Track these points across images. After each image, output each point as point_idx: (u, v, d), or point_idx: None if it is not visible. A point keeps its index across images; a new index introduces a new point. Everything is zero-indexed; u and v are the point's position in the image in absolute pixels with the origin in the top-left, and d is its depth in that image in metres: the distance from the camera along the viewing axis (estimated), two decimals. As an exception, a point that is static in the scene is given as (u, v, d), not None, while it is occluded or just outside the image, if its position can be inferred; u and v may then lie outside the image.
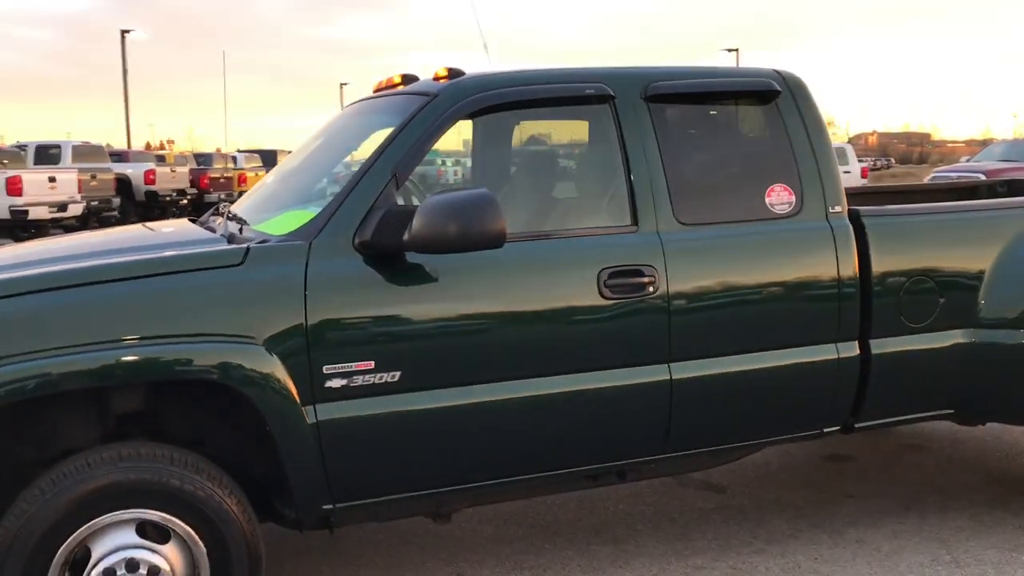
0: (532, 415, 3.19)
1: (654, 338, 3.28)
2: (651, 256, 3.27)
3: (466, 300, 3.09)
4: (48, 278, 2.84)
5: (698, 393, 3.36)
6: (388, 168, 3.07)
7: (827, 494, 4.53)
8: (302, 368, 2.88)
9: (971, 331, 3.71)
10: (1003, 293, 3.70)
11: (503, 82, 3.34)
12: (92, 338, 2.73)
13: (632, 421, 3.32)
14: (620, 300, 3.22)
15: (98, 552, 2.75)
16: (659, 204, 3.33)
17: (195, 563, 2.86)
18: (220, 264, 2.91)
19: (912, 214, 3.78)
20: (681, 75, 3.53)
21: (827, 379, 3.55)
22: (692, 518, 4.25)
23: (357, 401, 2.96)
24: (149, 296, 2.82)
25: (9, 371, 2.65)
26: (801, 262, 3.50)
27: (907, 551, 3.85)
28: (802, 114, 3.60)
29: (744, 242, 3.44)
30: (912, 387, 3.72)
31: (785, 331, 3.48)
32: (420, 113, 3.19)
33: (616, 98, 3.38)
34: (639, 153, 3.34)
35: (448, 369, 3.07)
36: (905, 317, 3.63)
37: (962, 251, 3.71)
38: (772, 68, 3.69)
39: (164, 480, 2.79)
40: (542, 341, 3.18)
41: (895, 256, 3.62)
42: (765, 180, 3.51)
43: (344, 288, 2.96)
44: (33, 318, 2.75)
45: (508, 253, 3.14)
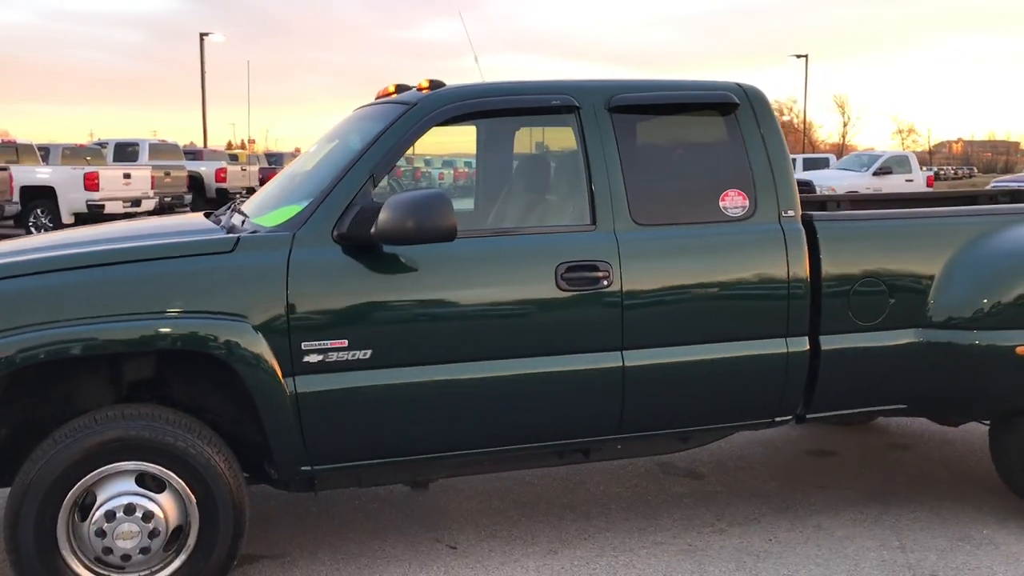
0: (493, 394, 3.53)
1: (608, 327, 3.60)
2: (606, 253, 3.59)
3: (433, 288, 3.46)
4: (64, 260, 3.29)
5: (650, 379, 3.67)
6: (367, 169, 3.46)
7: (800, 485, 4.77)
8: (283, 344, 3.28)
9: (922, 331, 3.94)
10: (953, 296, 3.92)
11: (476, 93, 3.70)
12: (101, 312, 3.16)
13: (587, 403, 3.64)
14: (575, 292, 3.55)
15: (102, 497, 3.19)
16: (616, 206, 3.65)
17: (187, 512, 3.28)
18: (213, 251, 3.33)
19: (864, 219, 4.02)
20: (643, 88, 3.85)
21: (776, 371, 3.81)
22: (664, 500, 4.55)
23: (332, 375, 3.34)
24: (152, 277, 3.25)
25: (33, 337, 3.10)
26: (753, 261, 3.78)
27: (860, 537, 4.09)
28: (760, 125, 3.88)
29: (697, 241, 3.74)
30: (863, 381, 3.96)
31: (735, 325, 3.76)
32: (399, 120, 3.57)
33: (581, 109, 3.71)
34: (600, 159, 3.66)
35: (415, 349, 3.43)
36: (855, 315, 3.88)
37: (913, 255, 3.93)
38: (735, 82, 3.98)
39: (160, 437, 3.21)
40: (502, 327, 3.52)
41: (846, 258, 3.87)
42: (720, 185, 3.80)
43: (322, 274, 3.35)
44: (55, 293, 3.20)
45: (474, 247, 3.52)
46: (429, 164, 9.81)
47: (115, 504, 3.18)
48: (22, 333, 3.09)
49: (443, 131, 3.73)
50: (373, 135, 3.58)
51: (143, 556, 3.21)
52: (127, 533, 3.17)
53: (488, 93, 3.72)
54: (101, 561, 3.20)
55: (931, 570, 3.75)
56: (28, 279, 3.23)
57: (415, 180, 7.28)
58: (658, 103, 3.84)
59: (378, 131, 3.58)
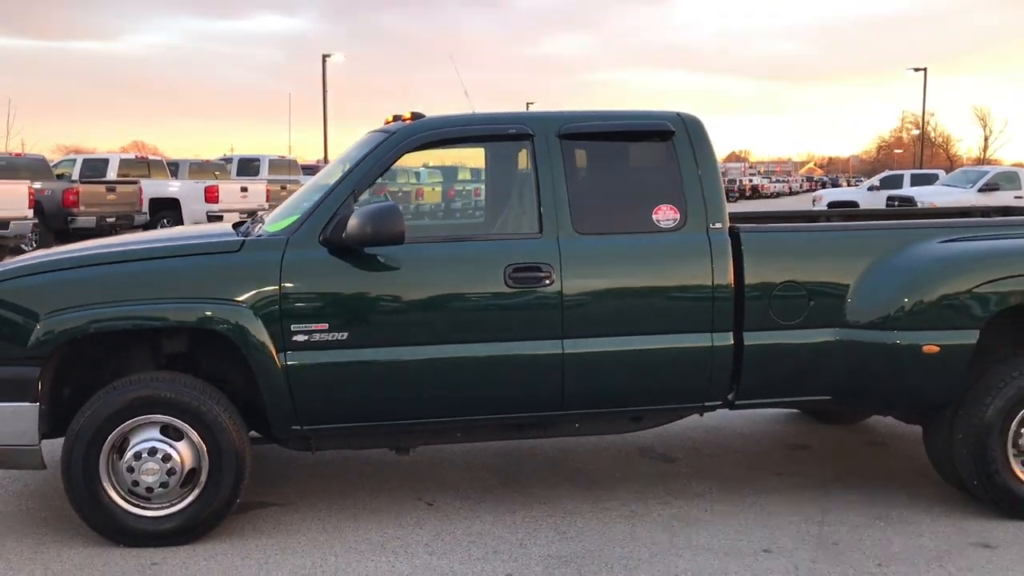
0: (451, 372, 4.26)
1: (549, 319, 4.28)
2: (549, 257, 4.28)
3: (402, 283, 4.22)
4: (117, 255, 4.22)
5: (586, 364, 4.32)
6: (351, 186, 4.26)
7: (761, 471, 5.30)
8: (276, 326, 4.10)
9: (839, 330, 4.45)
10: (868, 301, 4.42)
11: (445, 123, 4.46)
12: (139, 296, 4.06)
13: (532, 382, 4.32)
14: (521, 289, 4.25)
15: (133, 441, 4.08)
16: (560, 217, 4.33)
17: (199, 458, 4.13)
18: (224, 251, 4.20)
19: (785, 231, 4.58)
20: (590, 118, 4.52)
21: (702, 361, 4.41)
22: (629, 477, 5.16)
23: (315, 352, 4.15)
24: (174, 270, 4.14)
25: (96, 314, 4.01)
26: (680, 266, 4.39)
27: (788, 513, 4.62)
28: (694, 149, 4.50)
29: (629, 248, 4.38)
30: (786, 374, 4.50)
31: (664, 320, 4.37)
32: (379, 146, 4.37)
33: (535, 136, 4.41)
34: (548, 178, 4.36)
35: (385, 333, 4.20)
36: (776, 315, 4.44)
37: (830, 264, 4.45)
38: (675, 112, 4.61)
39: (180, 397, 4.08)
40: (460, 316, 4.25)
41: (767, 265, 4.43)
42: (654, 201, 4.43)
43: (309, 271, 4.16)
44: (107, 281, 4.11)
45: (438, 250, 4.28)
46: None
47: (142, 447, 4.06)
48: (86, 310, 4.01)
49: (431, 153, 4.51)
50: (359, 158, 4.39)
51: (163, 490, 4.08)
52: (150, 470, 4.04)
53: (455, 124, 4.48)
54: (132, 492, 4.09)
55: (834, 539, 4.27)
56: (91, 269, 4.17)
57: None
58: (600, 131, 4.51)
59: (363, 155, 4.38)
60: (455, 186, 8.76)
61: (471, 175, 19.00)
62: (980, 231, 4.57)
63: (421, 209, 10.24)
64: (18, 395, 3.98)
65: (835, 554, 4.11)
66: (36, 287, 4.09)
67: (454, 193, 8.41)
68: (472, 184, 18.39)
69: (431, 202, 10.85)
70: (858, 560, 4.05)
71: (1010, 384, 4.41)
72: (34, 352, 3.98)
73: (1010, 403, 4.41)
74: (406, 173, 15.62)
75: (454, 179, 13.30)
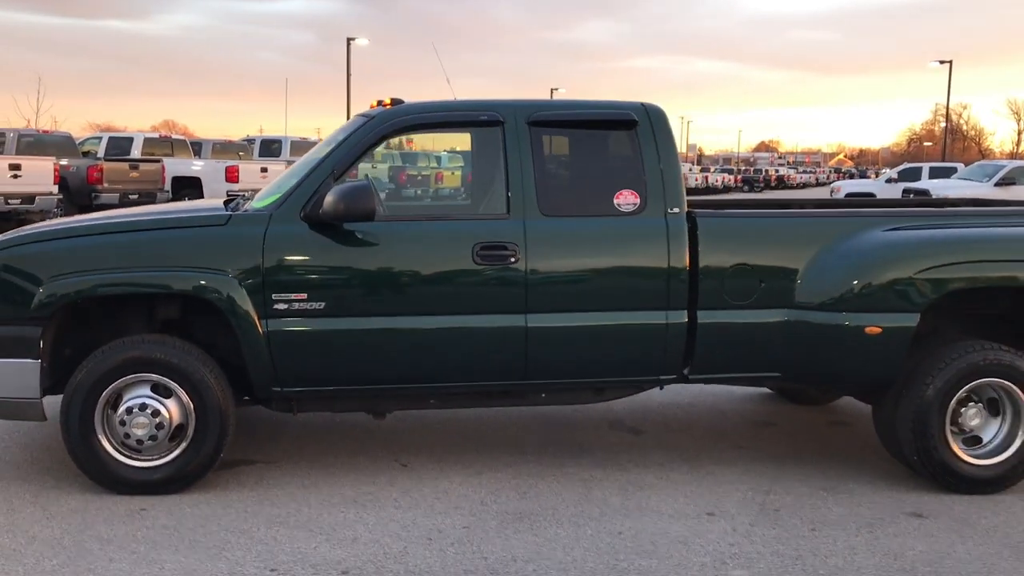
0: (421, 341, 4.58)
1: (513, 295, 4.59)
2: (515, 236, 4.58)
3: (377, 258, 4.54)
4: (112, 225, 4.57)
5: (547, 337, 4.63)
6: (330, 166, 4.58)
7: (724, 445, 5.59)
8: (258, 295, 4.44)
9: (789, 311, 4.73)
10: (815, 283, 4.68)
11: (422, 109, 4.77)
12: (132, 264, 4.41)
13: (497, 352, 4.63)
14: (488, 266, 4.56)
15: (126, 397, 4.43)
16: (527, 200, 4.63)
17: (187, 414, 4.48)
18: (212, 224, 4.54)
19: (738, 217, 4.85)
20: (558, 107, 4.82)
21: (657, 337, 4.70)
22: (596, 447, 5.47)
23: (294, 319, 4.48)
24: (171, 240, 4.48)
25: (91, 279, 4.37)
26: (639, 247, 4.68)
27: (738, 482, 4.91)
28: (656, 138, 4.78)
29: (591, 230, 4.68)
30: (737, 351, 4.78)
31: (622, 298, 4.66)
32: (359, 129, 4.69)
33: (505, 123, 4.71)
34: (517, 162, 4.66)
35: (360, 304, 4.53)
36: (729, 296, 4.72)
37: (781, 249, 4.72)
38: (640, 103, 4.89)
39: (169, 358, 4.43)
40: (429, 289, 4.57)
41: (721, 247, 4.71)
42: (616, 186, 4.71)
43: (289, 244, 4.48)
44: (99, 248, 4.46)
45: (410, 228, 4.60)
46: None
47: (134, 403, 4.42)
48: (85, 275, 4.37)
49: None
50: (340, 140, 4.71)
51: (152, 443, 4.44)
52: (141, 424, 4.40)
53: (431, 110, 4.79)
54: (124, 444, 4.45)
55: (776, 506, 4.56)
56: (90, 238, 4.53)
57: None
58: (567, 119, 4.80)
59: (344, 137, 4.70)
60: (418, 170, 9.19)
61: (448, 159, 19.72)
62: (924, 220, 4.81)
63: (398, 190, 10.64)
64: (22, 352, 4.35)
65: (774, 519, 4.41)
66: (39, 254, 4.45)
67: (420, 176, 8.76)
68: (447, 167, 19.13)
69: (409, 183, 11.56)
70: (793, 525, 4.34)
71: (950, 366, 4.67)
72: (36, 313, 4.34)
73: (949, 384, 4.67)
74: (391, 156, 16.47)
75: (428, 162, 14.31)
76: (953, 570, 3.89)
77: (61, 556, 3.81)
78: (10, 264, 4.43)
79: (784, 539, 4.17)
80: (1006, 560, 4.00)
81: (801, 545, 4.10)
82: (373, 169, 10.96)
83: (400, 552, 3.94)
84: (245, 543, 3.98)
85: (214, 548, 3.93)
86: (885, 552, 4.05)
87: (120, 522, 4.17)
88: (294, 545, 3.97)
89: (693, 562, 3.91)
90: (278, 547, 3.95)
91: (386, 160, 17.74)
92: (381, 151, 4.81)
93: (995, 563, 3.96)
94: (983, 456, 4.80)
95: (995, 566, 3.93)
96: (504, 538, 4.11)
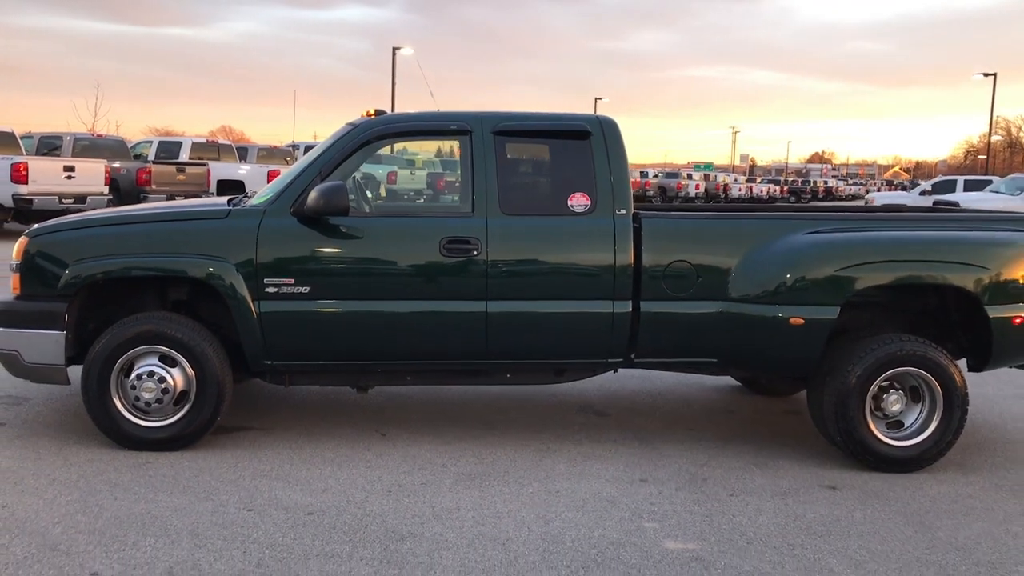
0: (395, 323, 5.21)
1: (475, 284, 5.20)
2: (478, 232, 5.20)
3: (355, 249, 5.19)
4: (127, 217, 5.29)
5: (506, 322, 5.23)
6: (318, 168, 5.25)
7: (678, 427, 6.14)
8: (252, 280, 5.11)
9: (723, 303, 5.28)
10: (746, 278, 5.22)
11: (399, 120, 5.42)
12: (145, 250, 5.12)
13: (461, 334, 5.25)
14: (453, 258, 5.19)
15: (137, 365, 5.14)
16: (490, 200, 5.25)
17: (189, 382, 5.18)
18: (213, 217, 5.24)
19: (679, 218, 5.42)
20: (520, 118, 5.43)
21: (605, 324, 5.28)
22: (558, 424, 6.06)
23: (282, 302, 5.14)
24: (176, 231, 5.18)
25: (108, 263, 5.08)
26: (589, 244, 5.26)
27: (679, 455, 5.47)
28: (607, 147, 5.37)
29: (546, 228, 5.28)
30: (676, 338, 5.34)
31: (573, 288, 5.25)
32: (344, 136, 5.36)
33: (472, 132, 5.34)
34: (482, 167, 5.28)
35: (340, 289, 5.17)
36: (669, 288, 5.28)
37: (717, 247, 5.28)
38: (595, 115, 5.48)
39: (174, 333, 5.12)
40: (401, 277, 5.21)
41: (663, 245, 5.27)
42: (570, 189, 5.31)
43: (280, 236, 5.15)
44: (117, 236, 5.18)
45: (385, 223, 5.25)
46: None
47: (144, 370, 5.12)
48: (105, 259, 5.09)
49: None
50: (327, 146, 5.38)
51: (159, 406, 5.14)
52: (149, 388, 5.10)
53: (407, 120, 5.44)
54: (134, 406, 5.15)
55: (705, 476, 5.12)
56: (110, 228, 5.25)
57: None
58: (527, 130, 5.41)
59: (331, 143, 5.38)
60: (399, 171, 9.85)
61: (421, 164, 20.91)
62: (841, 224, 5.33)
63: (379, 190, 11.39)
64: (50, 324, 5.08)
65: (699, 486, 4.96)
66: (65, 241, 5.19)
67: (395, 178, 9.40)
68: (421, 170, 20.40)
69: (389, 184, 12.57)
70: (714, 491, 4.89)
71: (869, 355, 5.18)
72: (63, 291, 5.07)
73: (868, 371, 5.18)
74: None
75: (402, 165, 15.41)
76: (845, 530, 4.41)
77: (74, 494, 4.51)
78: (41, 250, 5.16)
79: (701, 501, 4.72)
80: (895, 523, 4.51)
81: (714, 507, 4.65)
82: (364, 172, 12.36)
83: (361, 500, 4.57)
84: (230, 489, 4.65)
85: (203, 492, 4.60)
86: (788, 514, 4.59)
87: (127, 470, 4.86)
88: (272, 493, 4.63)
89: (614, 516, 4.48)
90: (258, 494, 4.61)
91: (383, 164, 18.79)
92: (385, 153, 5.47)
93: (885, 525, 4.48)
94: (902, 438, 5.30)
95: (883, 527, 4.45)
96: (455, 493, 4.72)
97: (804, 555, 4.10)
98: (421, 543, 4.08)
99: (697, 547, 4.14)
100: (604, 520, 4.42)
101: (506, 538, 4.17)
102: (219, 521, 4.24)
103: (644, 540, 4.20)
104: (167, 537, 4.04)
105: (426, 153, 18.39)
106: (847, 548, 4.19)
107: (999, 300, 5.22)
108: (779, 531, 4.37)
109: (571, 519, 4.42)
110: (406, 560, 3.90)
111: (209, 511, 4.36)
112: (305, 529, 4.19)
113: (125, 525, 4.15)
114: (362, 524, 4.27)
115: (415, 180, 18.35)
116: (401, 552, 3.98)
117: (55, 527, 4.10)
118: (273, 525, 4.22)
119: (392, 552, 3.98)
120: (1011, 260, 5.25)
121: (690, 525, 4.40)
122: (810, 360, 5.22)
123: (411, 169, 19.85)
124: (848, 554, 4.13)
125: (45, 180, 16.39)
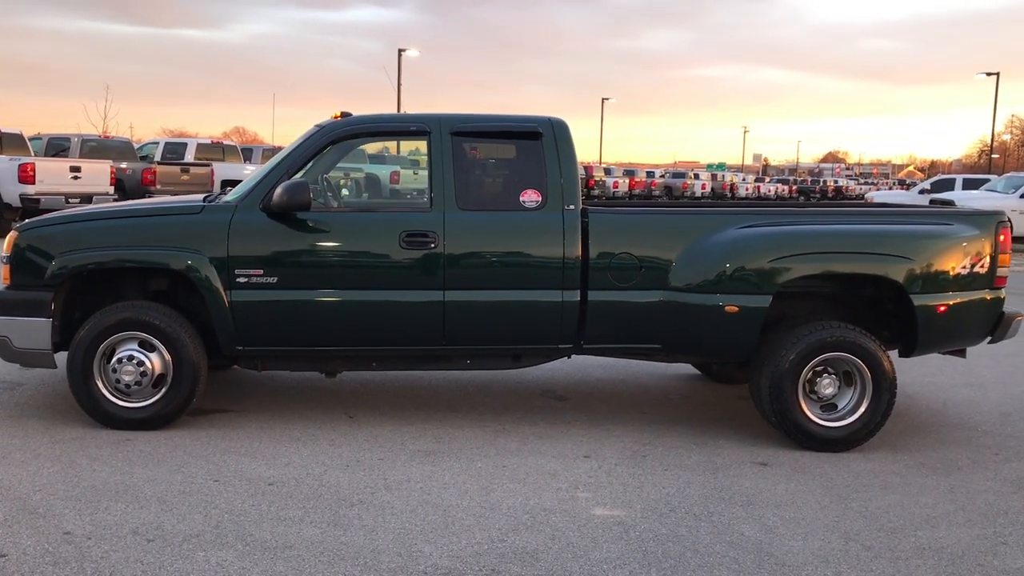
0: (358, 311, 5.59)
1: (433, 274, 5.58)
2: (435, 226, 5.58)
3: (319, 242, 5.57)
4: (109, 213, 5.70)
5: (461, 310, 5.61)
6: (285, 166, 5.65)
7: (632, 411, 6.50)
8: (224, 271, 5.50)
9: (664, 292, 5.64)
10: (685, 269, 5.58)
11: (361, 121, 5.81)
12: (125, 243, 5.52)
13: (420, 322, 5.63)
14: (412, 251, 5.57)
15: (118, 350, 5.54)
16: (447, 196, 5.62)
17: (167, 366, 5.57)
18: (188, 212, 5.64)
19: (623, 213, 5.78)
20: (476, 120, 5.80)
21: (555, 312, 5.64)
22: (519, 408, 6.42)
23: (252, 291, 5.53)
24: (153, 224, 5.58)
25: (90, 255, 5.49)
26: (540, 237, 5.63)
27: (625, 435, 5.82)
28: (558, 147, 5.73)
29: (500, 222, 5.65)
30: (622, 326, 5.70)
31: (525, 279, 5.62)
32: (310, 137, 5.75)
33: (431, 133, 5.72)
34: (439, 165, 5.66)
35: (306, 279, 5.56)
36: (614, 279, 5.64)
37: (657, 240, 5.63)
38: (546, 117, 5.85)
39: (152, 320, 5.52)
40: (364, 269, 5.59)
41: (608, 239, 5.63)
42: (522, 186, 5.68)
43: (250, 230, 5.54)
44: (99, 230, 5.58)
45: (347, 218, 5.64)
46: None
47: (124, 355, 5.52)
48: (95, 251, 5.50)
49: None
50: (295, 146, 5.78)
51: (138, 388, 5.54)
52: (128, 372, 5.50)
53: (369, 122, 5.82)
54: (116, 388, 5.55)
55: (645, 453, 5.47)
56: (93, 222, 5.66)
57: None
58: (482, 130, 5.79)
59: (299, 143, 5.77)
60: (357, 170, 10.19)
61: (424, 164, 21.75)
62: (772, 219, 5.69)
63: (344, 186, 11.87)
64: (37, 312, 5.48)
65: (638, 462, 5.32)
66: (51, 235, 5.60)
67: (397, 178, 9.90)
68: (424, 170, 21.17)
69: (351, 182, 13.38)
70: (651, 466, 5.25)
71: (801, 340, 5.53)
72: (49, 281, 5.48)
73: (800, 355, 5.53)
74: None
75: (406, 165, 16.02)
76: (765, 500, 4.76)
77: (56, 466, 4.91)
78: (30, 243, 5.57)
79: (637, 475, 5.09)
80: (814, 495, 4.86)
81: (647, 480, 5.02)
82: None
83: (320, 473, 4.96)
84: (199, 463, 5.04)
85: (175, 466, 4.99)
86: (716, 487, 4.94)
87: (108, 446, 5.27)
88: (238, 467, 5.02)
89: (552, 487, 4.85)
90: (225, 467, 5.00)
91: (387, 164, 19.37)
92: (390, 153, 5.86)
93: (803, 497, 4.83)
94: (834, 419, 5.64)
95: (801, 498, 4.80)
96: (408, 467, 5.10)
97: (720, 521, 4.46)
98: (368, 509, 4.46)
99: (623, 513, 4.51)
100: (542, 491, 4.79)
101: (448, 505, 4.54)
102: (186, 490, 4.63)
103: (575, 507, 4.57)
104: (137, 503, 4.43)
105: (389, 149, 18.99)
106: (763, 516, 4.55)
107: (923, 289, 5.56)
108: (702, 501, 4.72)
109: (511, 489, 4.79)
110: (352, 524, 4.28)
111: (178, 482, 4.75)
112: (264, 497, 4.57)
113: (99, 492, 4.55)
114: (316, 493, 4.65)
115: (418, 180, 18.89)
116: (349, 517, 4.36)
117: (35, 494, 4.50)
118: (235, 494, 4.61)
119: (341, 516, 4.36)
120: (935, 252, 5.59)
121: (621, 495, 4.76)
122: (746, 346, 5.57)
123: (414, 169, 20.42)
124: (762, 521, 4.48)
125: (51, 180, 16.88)
